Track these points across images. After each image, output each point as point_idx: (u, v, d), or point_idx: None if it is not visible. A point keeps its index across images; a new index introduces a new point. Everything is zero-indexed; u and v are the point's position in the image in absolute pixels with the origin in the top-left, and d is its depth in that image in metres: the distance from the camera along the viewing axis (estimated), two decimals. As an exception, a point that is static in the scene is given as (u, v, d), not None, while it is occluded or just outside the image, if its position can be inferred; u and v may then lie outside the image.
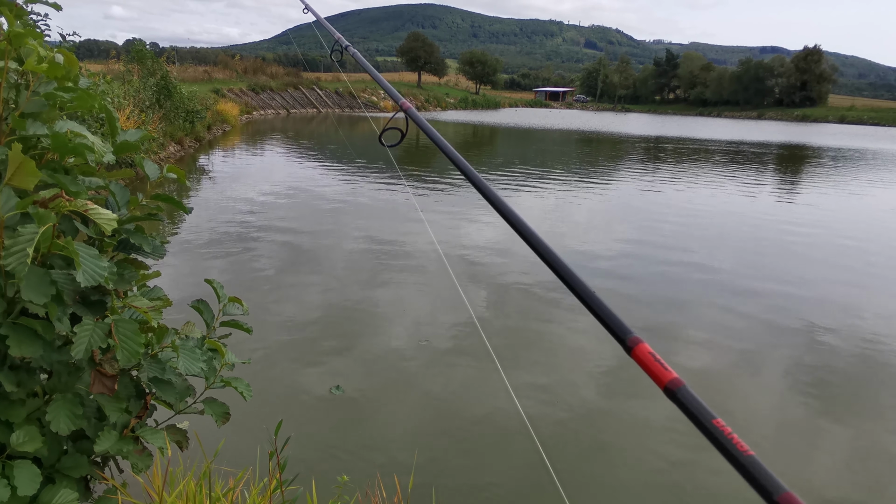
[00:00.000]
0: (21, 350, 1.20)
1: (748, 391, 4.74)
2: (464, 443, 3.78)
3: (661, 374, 0.79)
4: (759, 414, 4.40)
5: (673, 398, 0.77)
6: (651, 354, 0.82)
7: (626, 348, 0.85)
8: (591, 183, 15.69)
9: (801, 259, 8.89)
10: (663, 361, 0.80)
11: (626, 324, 0.89)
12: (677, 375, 0.78)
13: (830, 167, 23.43)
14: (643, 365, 0.82)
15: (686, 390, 0.76)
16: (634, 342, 0.84)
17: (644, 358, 0.82)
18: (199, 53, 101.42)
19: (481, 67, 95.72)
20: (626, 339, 0.86)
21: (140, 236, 1.55)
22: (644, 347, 0.83)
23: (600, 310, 0.93)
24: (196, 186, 12.32)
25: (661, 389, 0.78)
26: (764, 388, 4.80)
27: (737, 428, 0.70)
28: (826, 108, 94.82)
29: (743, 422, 4.21)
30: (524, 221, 1.18)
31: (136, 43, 19.66)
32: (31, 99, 1.35)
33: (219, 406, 1.72)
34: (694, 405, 0.74)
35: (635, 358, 0.83)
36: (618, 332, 0.89)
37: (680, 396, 0.76)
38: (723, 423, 0.70)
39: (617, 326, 0.89)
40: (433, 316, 5.83)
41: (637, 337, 0.85)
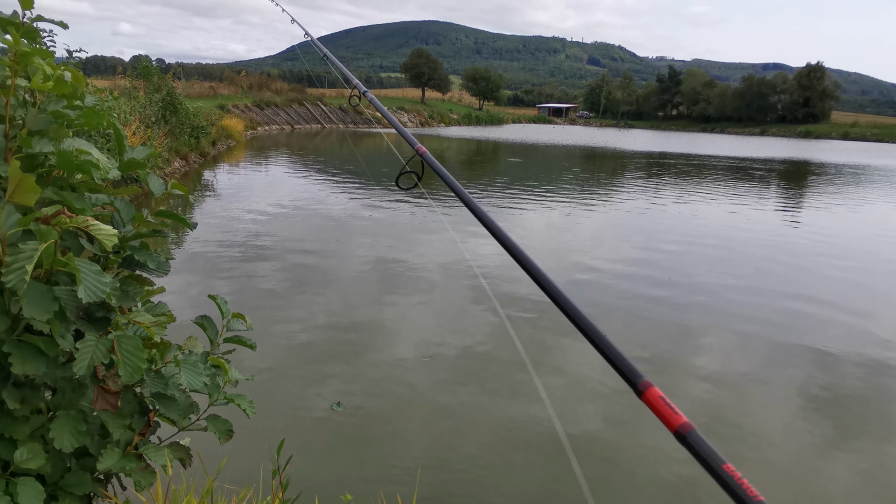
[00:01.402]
0: (24, 367, 1.20)
1: (758, 413, 4.70)
2: (468, 461, 3.75)
3: (671, 418, 0.80)
4: (769, 438, 4.37)
5: (683, 442, 0.78)
6: (661, 398, 0.83)
7: (637, 392, 0.87)
8: (596, 199, 15.71)
9: (808, 277, 8.86)
10: (673, 405, 0.82)
11: (636, 367, 0.90)
12: (687, 420, 0.79)
13: (836, 183, 23.44)
14: (654, 409, 0.84)
15: (696, 434, 0.77)
16: (645, 386, 0.86)
17: (654, 402, 0.84)
18: (204, 69, 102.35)
19: (485, 84, 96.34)
20: (636, 382, 0.88)
21: (145, 253, 1.55)
22: (654, 391, 0.85)
23: (611, 353, 0.95)
24: (201, 202, 12.37)
25: (672, 433, 0.79)
26: (773, 411, 4.76)
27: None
28: (829, 124, 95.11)
29: (754, 448, 4.18)
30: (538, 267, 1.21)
31: (143, 59, 19.85)
32: (38, 117, 1.36)
33: (222, 423, 1.71)
34: (704, 450, 0.76)
35: (646, 402, 0.85)
36: (629, 375, 0.90)
37: (690, 441, 0.77)
38: (733, 469, 0.72)
39: (628, 370, 0.91)
40: (437, 333, 5.82)
41: (647, 381, 0.87)
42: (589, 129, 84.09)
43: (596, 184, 19.65)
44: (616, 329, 6.17)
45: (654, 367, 5.33)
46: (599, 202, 15.11)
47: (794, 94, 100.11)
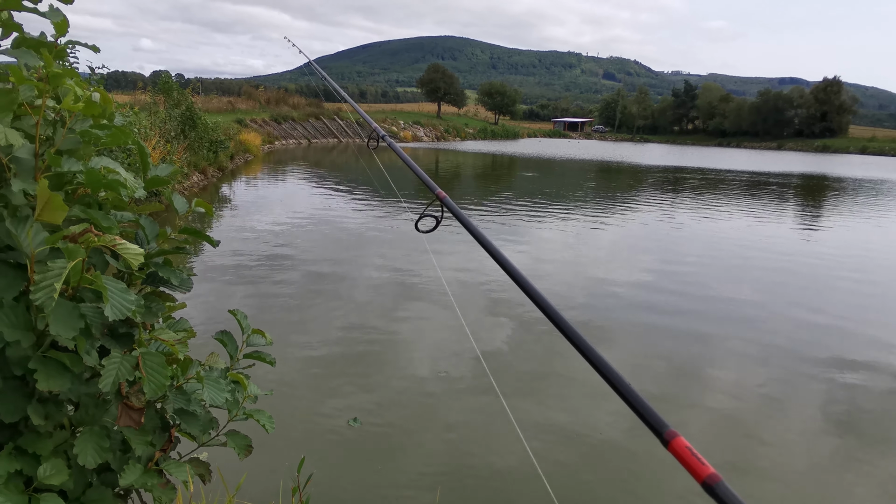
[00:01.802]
0: (49, 384, 1.21)
1: (777, 427, 4.63)
2: (487, 477, 3.72)
3: (698, 469, 0.80)
4: (789, 451, 4.29)
5: (711, 493, 0.78)
6: (688, 449, 0.83)
7: (664, 441, 0.87)
8: (613, 213, 15.64)
9: (827, 292, 8.74)
10: (700, 455, 0.82)
11: (662, 417, 0.90)
12: (714, 470, 0.79)
13: (854, 198, 23.16)
14: (680, 459, 0.83)
15: (724, 486, 0.77)
16: (671, 436, 0.86)
17: (681, 452, 0.83)
18: (223, 84, 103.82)
19: (500, 98, 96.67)
20: (662, 432, 0.88)
21: (168, 269, 1.57)
22: (681, 441, 0.84)
23: (637, 403, 0.94)
24: (219, 215, 12.48)
25: (700, 484, 0.79)
26: (793, 425, 4.69)
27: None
28: (847, 138, 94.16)
29: (772, 461, 4.11)
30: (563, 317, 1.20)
31: (163, 75, 20.17)
32: (67, 136, 1.39)
33: (241, 438, 1.72)
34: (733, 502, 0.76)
35: (672, 452, 0.85)
36: (655, 425, 0.90)
37: (718, 492, 0.77)
38: None
39: (654, 420, 0.90)
40: (452, 348, 5.80)
41: (673, 430, 0.86)
42: (604, 144, 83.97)
43: (612, 198, 19.57)
44: (634, 343, 6.12)
45: (673, 382, 5.27)
46: (616, 217, 15.05)
47: (810, 108, 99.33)
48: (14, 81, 1.26)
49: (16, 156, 1.24)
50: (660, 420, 0.89)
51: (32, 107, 1.29)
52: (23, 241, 1.17)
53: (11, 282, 1.19)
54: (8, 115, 1.20)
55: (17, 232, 1.17)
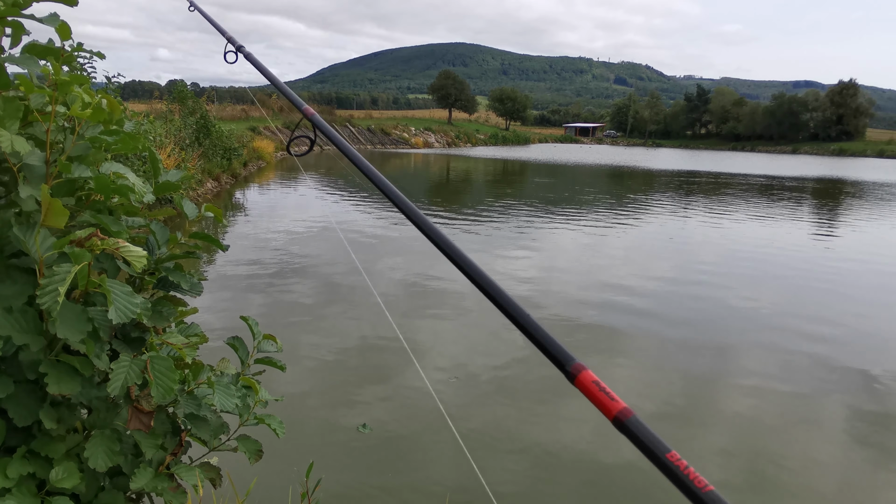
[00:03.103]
0: (59, 387, 1.22)
1: (801, 435, 4.57)
2: (498, 485, 3.70)
3: (608, 405, 0.72)
4: (814, 459, 4.23)
5: (623, 430, 0.70)
6: (595, 383, 0.75)
7: (569, 376, 0.78)
8: (626, 218, 15.56)
9: (846, 297, 8.63)
10: (610, 391, 0.73)
11: (567, 350, 0.80)
12: (626, 405, 0.72)
13: (872, 202, 22.89)
14: (588, 394, 0.75)
15: (637, 420, 0.70)
16: (577, 369, 0.77)
17: (588, 387, 0.75)
18: (237, 93, 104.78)
19: (511, 104, 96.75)
20: (567, 366, 0.78)
21: (178, 274, 1.58)
22: (588, 375, 0.76)
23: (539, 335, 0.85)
24: (232, 222, 12.57)
25: (610, 421, 0.72)
26: (817, 433, 4.62)
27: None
28: (864, 142, 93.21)
29: (797, 473, 4.05)
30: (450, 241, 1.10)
31: (178, 84, 20.40)
32: (77, 143, 1.40)
33: (252, 443, 1.72)
34: (647, 437, 0.68)
35: (579, 387, 0.76)
36: (559, 358, 0.80)
37: (631, 427, 0.70)
38: (678, 457, 0.65)
39: (558, 353, 0.81)
40: (466, 353, 5.79)
41: (581, 364, 0.78)
42: (616, 149, 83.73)
43: (625, 203, 19.48)
44: (652, 350, 6.07)
45: (692, 388, 5.22)
46: (629, 222, 14.97)
47: (826, 111, 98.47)
48: (23, 91, 1.28)
49: (27, 163, 1.26)
50: (565, 353, 0.80)
51: (42, 113, 1.31)
52: (31, 247, 1.19)
53: (21, 287, 1.20)
54: (15, 122, 1.21)
55: (26, 237, 1.18)
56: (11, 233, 1.20)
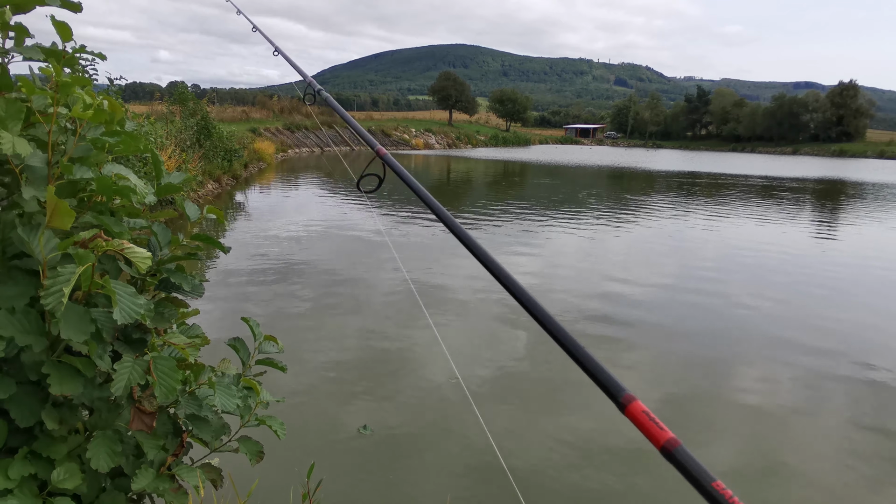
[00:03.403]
0: (62, 388, 1.23)
1: (803, 440, 4.57)
2: (498, 487, 3.70)
3: (656, 434, 0.77)
4: (815, 464, 4.23)
5: (671, 459, 0.75)
6: (645, 413, 0.80)
7: (620, 406, 0.83)
8: (628, 219, 15.56)
9: (847, 299, 8.63)
10: (658, 420, 0.78)
11: (618, 381, 0.86)
12: (674, 435, 0.76)
13: (874, 203, 22.88)
14: (638, 424, 0.80)
15: (683, 450, 0.74)
16: (628, 400, 0.82)
17: (638, 417, 0.80)
18: (237, 94, 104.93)
19: (511, 105, 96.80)
20: (619, 396, 0.84)
21: (180, 275, 1.58)
22: (638, 405, 0.81)
23: (591, 366, 0.90)
24: (233, 223, 12.58)
25: (658, 450, 0.76)
26: (819, 438, 4.62)
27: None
28: (864, 143, 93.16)
29: (799, 480, 4.05)
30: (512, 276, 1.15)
31: (179, 85, 20.43)
32: (79, 144, 1.40)
33: (253, 444, 1.72)
34: (693, 466, 0.72)
35: (629, 416, 0.81)
36: (611, 389, 0.86)
37: (678, 457, 0.74)
38: (723, 486, 0.69)
39: (609, 384, 0.86)
40: (467, 355, 5.79)
41: (631, 394, 0.83)
42: (617, 150, 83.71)
43: (626, 204, 19.48)
44: (655, 352, 6.07)
45: (694, 394, 5.22)
46: (631, 223, 14.97)
47: (826, 112, 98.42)
48: (25, 92, 1.28)
49: (28, 164, 1.26)
50: (616, 384, 0.85)
51: (44, 115, 1.31)
52: (35, 248, 1.19)
53: (24, 288, 1.21)
54: (17, 123, 1.22)
55: (30, 239, 1.19)
56: (15, 234, 1.20)
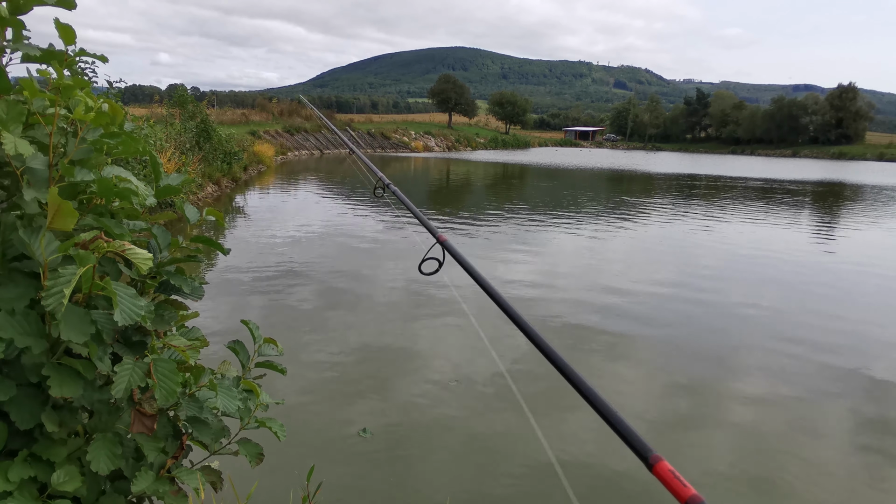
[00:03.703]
0: (62, 390, 1.22)
1: (805, 441, 4.57)
2: (498, 490, 3.70)
3: (680, 491, 0.84)
4: (817, 464, 4.23)
5: None
6: (671, 472, 0.88)
7: (648, 465, 0.91)
8: (627, 222, 15.56)
9: (847, 300, 8.63)
10: (682, 478, 0.86)
11: (646, 442, 0.95)
12: (696, 492, 0.83)
13: (873, 205, 22.89)
14: (664, 482, 0.88)
15: None
16: (656, 460, 0.90)
17: (665, 475, 0.88)
18: (237, 97, 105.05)
19: (511, 108, 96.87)
20: (647, 456, 0.92)
21: (180, 277, 1.58)
22: (664, 465, 0.89)
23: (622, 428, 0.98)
24: (232, 226, 12.58)
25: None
26: (821, 438, 4.62)
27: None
28: (864, 145, 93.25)
29: (802, 478, 4.05)
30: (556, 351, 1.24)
31: (178, 88, 20.44)
32: (80, 147, 1.41)
33: (253, 447, 1.72)
34: None
35: (657, 475, 0.89)
36: (640, 450, 0.94)
37: None
38: None
39: (639, 445, 0.94)
40: (467, 358, 5.79)
41: (658, 455, 0.91)
42: (616, 152, 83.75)
43: (626, 207, 19.49)
44: (654, 355, 6.07)
45: (696, 394, 5.22)
46: (630, 226, 14.97)
47: (826, 115, 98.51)
48: (26, 94, 1.28)
49: (30, 166, 1.26)
50: (645, 445, 0.93)
51: (45, 116, 1.31)
52: (35, 250, 1.19)
53: (24, 290, 1.21)
54: (18, 125, 1.22)
55: (31, 241, 1.19)
56: (16, 236, 1.20)
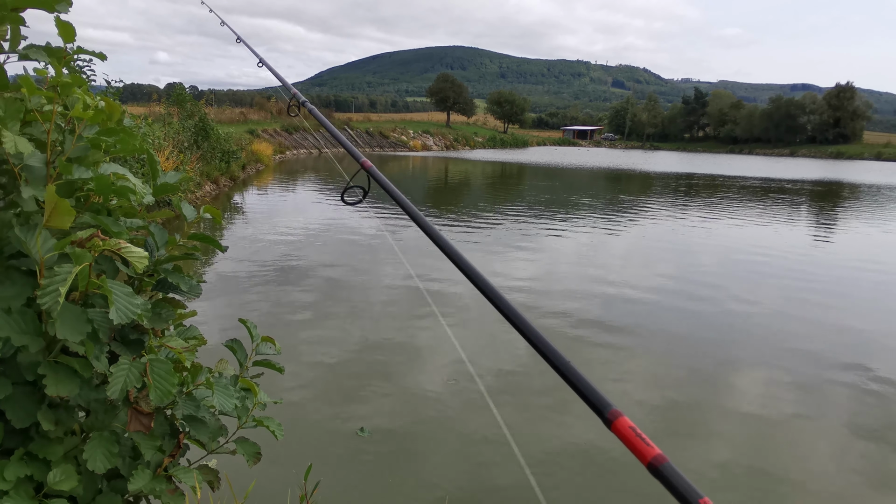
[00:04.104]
0: (58, 389, 1.22)
1: (803, 443, 4.57)
2: (497, 490, 3.70)
3: (643, 450, 0.76)
4: (815, 467, 4.23)
5: (657, 475, 0.74)
6: (632, 429, 0.79)
7: (606, 422, 0.82)
8: (625, 221, 15.57)
9: (845, 298, 8.65)
10: (645, 436, 0.77)
11: (605, 396, 0.85)
12: (661, 451, 0.75)
13: (871, 204, 22.93)
14: (624, 439, 0.79)
15: (670, 467, 0.73)
16: (614, 415, 0.81)
17: (625, 432, 0.79)
18: (235, 95, 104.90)
19: (509, 107, 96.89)
20: (605, 412, 0.83)
21: (177, 276, 1.58)
22: (625, 421, 0.80)
23: (578, 381, 0.89)
24: (231, 224, 12.56)
25: (645, 466, 0.75)
26: (819, 440, 4.63)
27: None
28: (861, 145, 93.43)
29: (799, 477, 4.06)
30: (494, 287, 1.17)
31: (177, 87, 20.41)
32: (77, 144, 1.40)
33: (250, 446, 1.72)
34: (680, 483, 0.72)
35: (616, 432, 0.80)
36: (597, 405, 0.85)
37: (665, 473, 0.73)
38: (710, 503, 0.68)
39: (595, 399, 0.85)
40: (466, 356, 5.78)
41: (617, 410, 0.82)
42: (614, 152, 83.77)
43: (624, 206, 19.49)
44: (654, 352, 6.08)
45: (694, 391, 5.22)
46: (628, 225, 14.98)
47: (823, 114, 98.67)
48: (25, 91, 1.28)
49: (27, 164, 1.25)
50: (602, 399, 0.85)
51: (42, 113, 1.31)
52: (32, 248, 1.18)
53: (20, 288, 1.20)
54: (16, 123, 1.21)
55: (27, 238, 1.18)
56: (12, 233, 1.19)
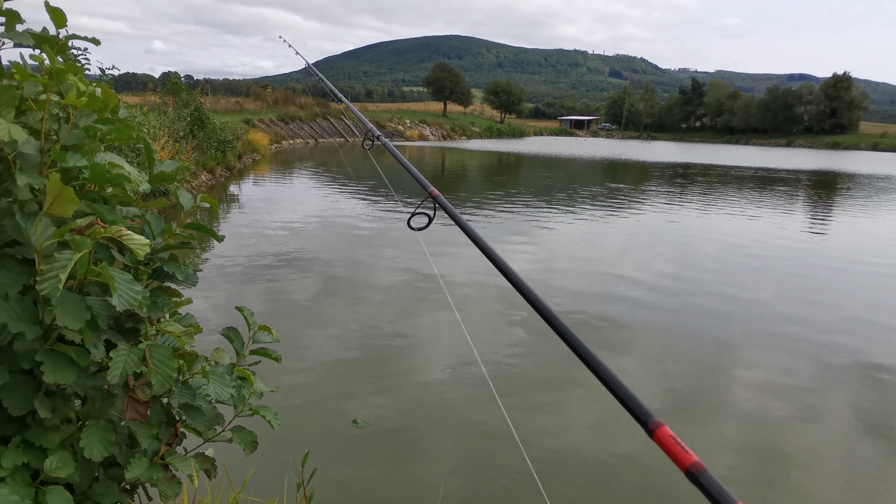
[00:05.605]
0: (55, 377, 1.22)
1: (806, 432, 4.60)
2: (493, 480, 3.72)
3: (682, 458, 0.81)
4: (819, 455, 4.26)
5: (694, 481, 0.79)
6: (672, 437, 0.85)
7: (648, 431, 0.88)
8: (624, 212, 15.57)
9: (844, 286, 8.68)
10: (684, 444, 0.83)
11: (647, 407, 0.92)
12: (698, 459, 0.80)
13: (868, 194, 22.97)
14: (665, 448, 0.85)
15: (707, 474, 0.78)
16: (656, 425, 0.87)
17: (665, 441, 0.85)
18: (231, 85, 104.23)
19: (506, 97, 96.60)
20: (647, 422, 0.89)
21: (173, 264, 1.58)
22: (665, 431, 0.86)
23: (622, 392, 0.95)
24: (227, 214, 12.53)
25: (683, 472, 0.80)
26: (822, 429, 4.65)
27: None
28: (858, 135, 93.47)
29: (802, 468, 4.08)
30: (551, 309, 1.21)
31: (172, 76, 20.27)
32: (72, 132, 1.39)
33: (247, 434, 1.72)
34: (715, 489, 0.77)
35: (657, 441, 0.86)
36: (640, 415, 0.91)
37: (702, 480, 0.78)
38: None
39: (639, 410, 0.92)
40: (458, 351, 5.80)
41: (658, 420, 0.88)
42: (611, 142, 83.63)
43: (622, 196, 19.49)
44: (653, 347, 6.10)
45: (694, 387, 5.25)
46: (627, 215, 14.98)
47: (820, 104, 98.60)
48: (18, 79, 1.27)
49: (21, 151, 1.25)
50: (645, 410, 0.91)
51: (37, 102, 1.30)
52: (31, 235, 1.18)
53: (17, 276, 1.20)
54: (10, 111, 1.20)
55: (27, 226, 1.18)
56: (9, 221, 1.19)
